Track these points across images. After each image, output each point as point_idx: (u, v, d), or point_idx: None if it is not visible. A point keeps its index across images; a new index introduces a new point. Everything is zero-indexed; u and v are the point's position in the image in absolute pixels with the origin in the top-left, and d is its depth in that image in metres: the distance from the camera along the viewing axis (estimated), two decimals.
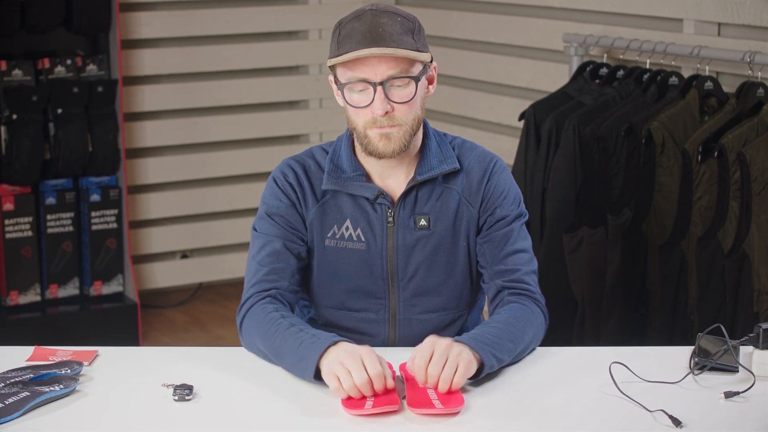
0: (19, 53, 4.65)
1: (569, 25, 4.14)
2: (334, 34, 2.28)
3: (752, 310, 3.21)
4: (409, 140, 2.28)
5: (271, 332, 2.21)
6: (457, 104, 4.81)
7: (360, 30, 2.23)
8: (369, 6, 2.28)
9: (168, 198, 5.15)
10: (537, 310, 2.33)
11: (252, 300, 2.30)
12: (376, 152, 2.28)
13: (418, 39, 2.27)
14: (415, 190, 2.35)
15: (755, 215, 3.20)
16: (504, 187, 2.38)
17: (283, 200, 2.36)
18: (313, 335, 2.15)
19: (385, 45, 2.21)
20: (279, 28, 5.27)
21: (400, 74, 2.23)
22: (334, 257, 2.36)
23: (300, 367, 2.13)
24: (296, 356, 2.14)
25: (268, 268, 2.33)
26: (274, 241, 2.35)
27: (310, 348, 2.12)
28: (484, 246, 2.38)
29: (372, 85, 2.23)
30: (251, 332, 2.26)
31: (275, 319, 2.23)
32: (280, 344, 2.18)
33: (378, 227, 2.35)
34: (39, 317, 4.61)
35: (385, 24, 2.23)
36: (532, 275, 2.38)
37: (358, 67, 2.23)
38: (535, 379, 2.16)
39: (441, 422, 1.97)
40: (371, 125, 2.26)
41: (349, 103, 2.26)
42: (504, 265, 2.36)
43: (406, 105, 2.25)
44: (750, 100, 3.35)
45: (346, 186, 2.35)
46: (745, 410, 2.01)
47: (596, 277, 3.53)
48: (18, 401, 1.99)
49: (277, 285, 2.32)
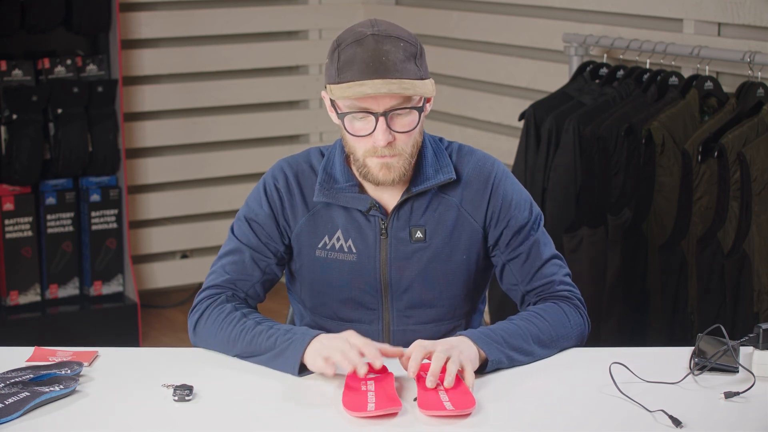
0: (19, 53, 4.64)
1: (569, 25, 4.14)
2: (333, 56, 2.20)
3: (752, 310, 3.21)
4: (409, 167, 2.25)
5: (237, 332, 2.22)
6: (457, 104, 4.81)
7: (362, 57, 2.15)
8: (370, 29, 2.19)
9: (168, 198, 5.15)
10: (570, 309, 2.30)
11: (207, 301, 2.30)
12: (375, 181, 2.24)
13: (420, 65, 2.19)
14: (410, 201, 2.31)
15: (755, 215, 3.20)
16: (511, 195, 2.33)
17: (264, 208, 2.34)
18: (286, 331, 2.18)
19: (389, 76, 2.14)
20: (279, 28, 5.27)
21: (403, 105, 2.18)
22: (325, 268, 2.34)
23: (279, 363, 2.15)
24: (273, 353, 2.16)
25: (230, 276, 2.33)
26: (242, 251, 2.34)
27: (290, 344, 2.14)
28: (510, 265, 2.34)
29: (374, 115, 2.18)
30: (209, 333, 2.26)
31: (237, 318, 2.24)
32: (249, 343, 2.20)
33: (371, 239, 2.31)
34: (39, 317, 4.60)
35: (389, 52, 2.15)
36: (566, 279, 2.35)
37: (361, 98, 2.16)
38: (536, 379, 2.16)
39: (441, 422, 1.97)
40: (371, 154, 2.21)
41: (349, 132, 2.21)
42: (536, 281, 2.33)
43: (408, 134, 2.21)
44: (750, 100, 3.35)
45: (337, 198, 2.30)
46: (745, 410, 2.01)
47: (596, 277, 3.53)
48: (18, 401, 1.99)
49: (236, 293, 2.33)
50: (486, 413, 2.00)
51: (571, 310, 2.31)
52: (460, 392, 2.03)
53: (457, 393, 2.03)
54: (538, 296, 2.34)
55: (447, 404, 1.99)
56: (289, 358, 2.14)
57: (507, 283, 2.37)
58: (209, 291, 2.33)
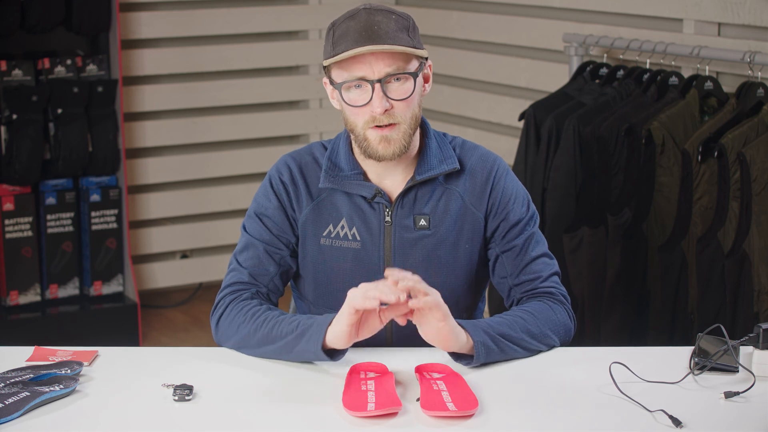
0: (19, 53, 4.65)
1: (569, 25, 4.14)
2: (328, 35, 2.27)
3: (752, 310, 3.21)
4: (408, 140, 2.28)
5: (260, 321, 2.22)
6: (457, 104, 4.81)
7: (355, 29, 2.22)
8: (362, 5, 2.27)
9: (168, 198, 5.15)
10: (558, 308, 2.32)
11: (229, 298, 2.31)
12: (375, 155, 2.28)
13: (413, 36, 2.26)
14: (414, 189, 2.35)
15: (755, 215, 3.20)
16: (511, 190, 2.38)
17: (272, 201, 2.37)
18: (309, 316, 2.19)
19: (381, 42, 2.20)
20: (279, 28, 5.27)
21: (398, 71, 2.23)
22: (330, 256, 2.36)
23: (303, 343, 2.15)
24: (295, 334, 2.16)
25: (249, 271, 2.35)
26: (256, 246, 2.36)
27: (313, 323, 2.15)
28: (503, 257, 2.37)
29: (370, 83, 2.22)
30: (233, 324, 2.26)
31: (262, 311, 2.24)
32: (271, 330, 2.20)
33: (375, 226, 2.34)
34: (39, 317, 4.61)
35: (380, 22, 2.22)
36: (553, 278, 2.37)
37: (356, 66, 2.22)
38: (536, 379, 2.16)
39: (441, 422, 1.97)
40: (370, 124, 2.25)
41: (347, 102, 2.26)
42: (524, 275, 2.36)
43: (405, 102, 2.24)
44: (750, 100, 3.35)
45: (343, 184, 2.34)
46: (745, 410, 2.01)
47: (596, 277, 3.53)
48: (18, 401, 1.99)
49: (258, 288, 2.34)
50: (486, 413, 2.00)
51: (557, 307, 2.33)
52: (463, 393, 2.03)
53: (459, 394, 2.03)
54: (523, 292, 2.37)
55: (450, 405, 1.99)
56: (312, 335, 2.14)
57: (497, 275, 2.40)
58: (231, 288, 2.34)
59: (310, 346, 2.15)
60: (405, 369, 2.17)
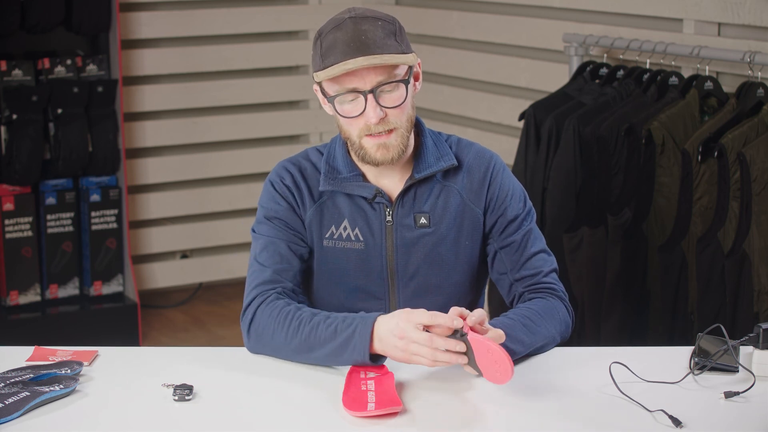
0: (19, 53, 4.65)
1: (569, 25, 4.14)
2: (316, 45, 2.26)
3: (752, 310, 3.21)
4: (405, 143, 2.28)
5: (294, 327, 2.19)
6: (457, 104, 4.81)
7: (343, 40, 2.21)
8: (347, 14, 2.25)
9: (168, 198, 5.15)
10: (559, 304, 2.34)
11: (258, 300, 2.27)
12: (373, 161, 2.27)
13: (401, 41, 2.24)
14: (413, 188, 2.35)
15: (755, 215, 3.20)
16: (508, 186, 2.39)
17: (281, 203, 2.36)
18: (344, 317, 2.16)
19: (370, 53, 2.19)
20: (279, 28, 5.27)
21: (389, 79, 2.22)
22: (333, 258, 2.36)
23: (346, 356, 2.13)
24: (335, 344, 2.14)
25: (272, 269, 2.31)
26: (276, 243, 2.34)
27: (355, 331, 2.13)
28: (501, 252, 2.38)
29: (362, 94, 2.21)
30: (266, 332, 2.22)
31: (292, 312, 2.21)
32: (308, 336, 2.17)
33: (376, 226, 2.35)
34: (39, 317, 4.61)
35: (367, 30, 2.21)
36: (552, 274, 2.39)
37: (346, 79, 2.21)
38: (536, 379, 2.16)
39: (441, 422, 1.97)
40: (366, 133, 2.25)
41: (340, 114, 2.25)
42: (525, 270, 2.37)
43: (399, 108, 2.24)
44: (750, 100, 3.35)
45: (343, 186, 2.34)
46: (745, 410, 2.01)
47: (596, 277, 3.53)
48: (18, 401, 1.99)
49: (283, 285, 2.30)
50: (486, 413, 2.00)
51: (558, 304, 2.35)
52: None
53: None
54: (525, 287, 2.37)
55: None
56: (356, 347, 2.12)
57: (496, 272, 2.40)
58: (257, 290, 2.29)
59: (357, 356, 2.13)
60: (405, 369, 2.17)
